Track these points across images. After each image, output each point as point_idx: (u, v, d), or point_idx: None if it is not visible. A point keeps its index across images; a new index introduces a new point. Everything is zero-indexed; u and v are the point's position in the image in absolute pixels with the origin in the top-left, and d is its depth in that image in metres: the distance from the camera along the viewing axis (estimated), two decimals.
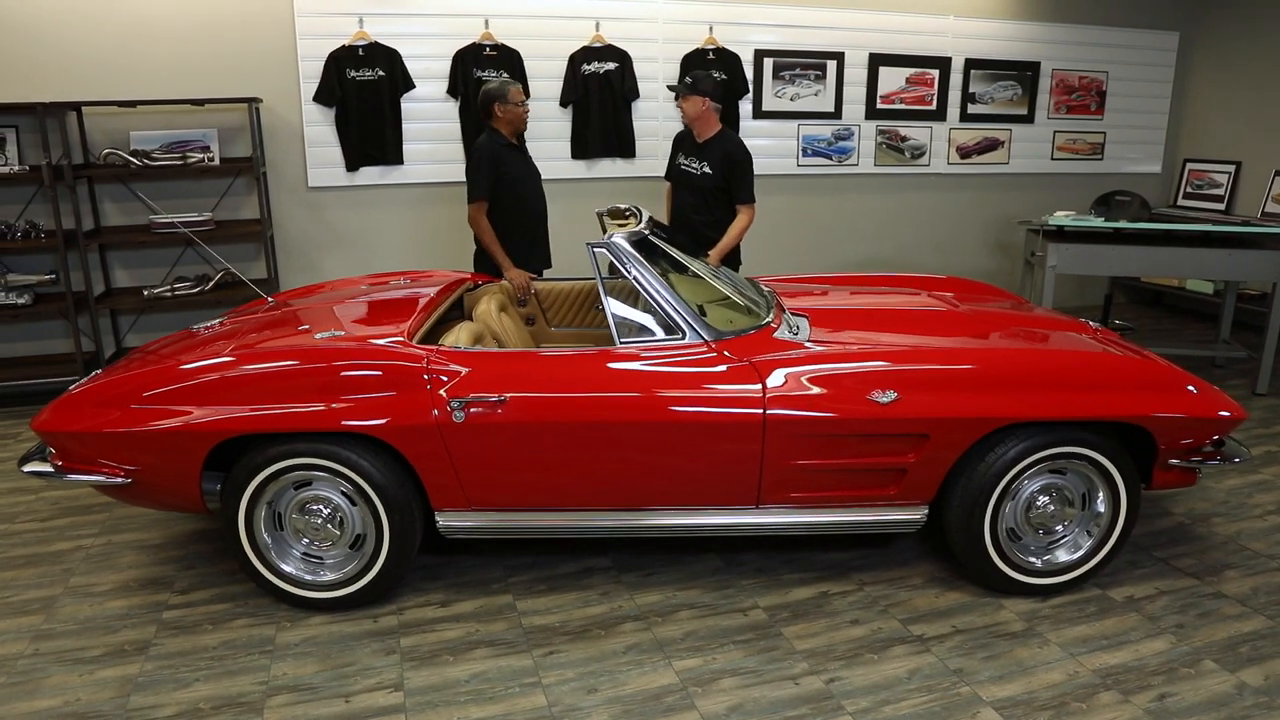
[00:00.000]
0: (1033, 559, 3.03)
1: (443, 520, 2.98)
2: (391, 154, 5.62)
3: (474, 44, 5.59)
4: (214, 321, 3.56)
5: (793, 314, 3.34)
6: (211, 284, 5.28)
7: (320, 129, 5.48)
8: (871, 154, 6.59)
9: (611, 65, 5.85)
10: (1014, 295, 4.24)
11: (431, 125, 5.65)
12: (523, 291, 4.01)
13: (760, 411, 2.79)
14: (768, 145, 6.35)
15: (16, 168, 4.90)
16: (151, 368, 2.94)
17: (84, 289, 4.97)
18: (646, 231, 3.25)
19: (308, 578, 2.99)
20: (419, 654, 2.79)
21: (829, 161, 6.53)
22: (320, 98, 5.40)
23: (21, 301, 4.97)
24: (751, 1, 6.07)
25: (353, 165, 5.57)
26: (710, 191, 4.23)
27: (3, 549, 3.47)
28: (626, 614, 2.99)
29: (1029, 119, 6.81)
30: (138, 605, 3.07)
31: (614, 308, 2.98)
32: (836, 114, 6.44)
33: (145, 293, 5.13)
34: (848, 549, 3.38)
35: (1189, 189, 7.11)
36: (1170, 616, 2.97)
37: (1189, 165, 7.14)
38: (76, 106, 4.99)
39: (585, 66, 5.82)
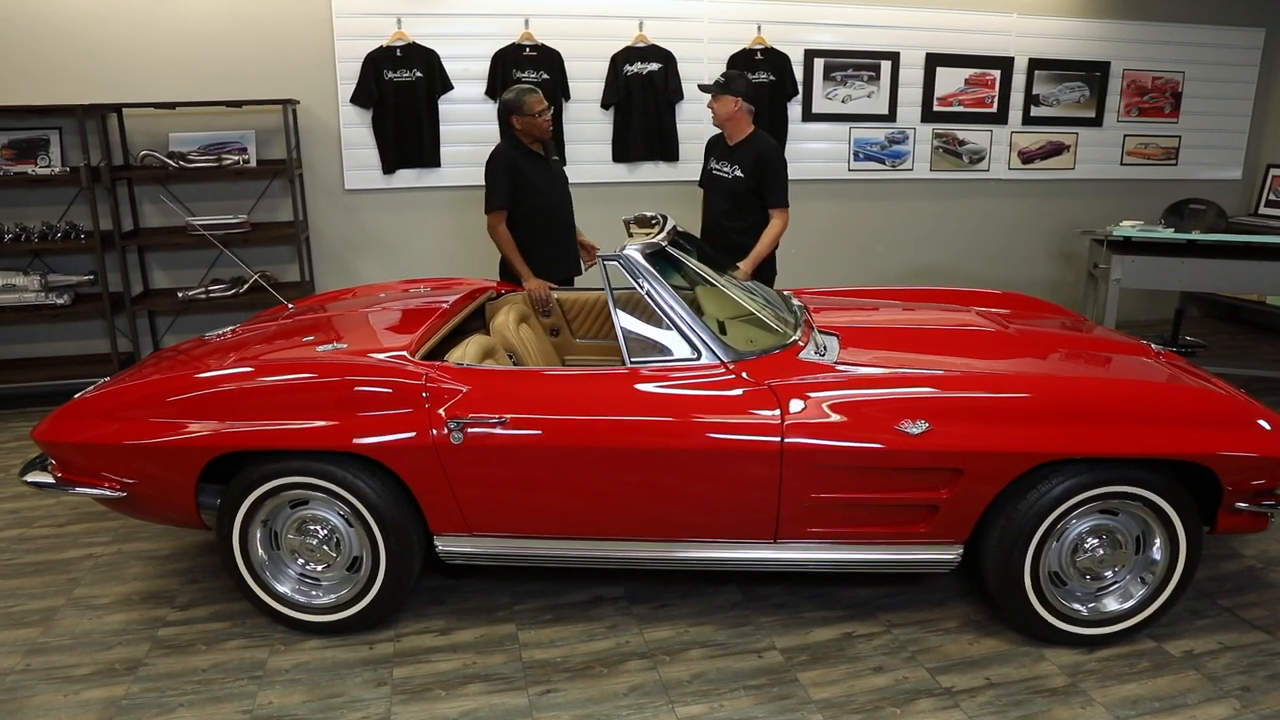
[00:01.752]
0: (1078, 606, 2.76)
1: (442, 545, 2.85)
2: (429, 156, 5.53)
3: (514, 44, 5.48)
4: (228, 329, 3.50)
5: (822, 332, 3.12)
6: (246, 286, 5.27)
7: (357, 131, 5.43)
8: (927, 158, 6.28)
9: (655, 66, 5.68)
10: (1073, 313, 3.93)
11: (470, 127, 5.55)
12: (542, 303, 3.86)
13: (778, 440, 2.58)
14: (818, 149, 6.11)
15: (57, 169, 4.95)
16: (147, 380, 2.87)
17: (124, 290, 5.01)
18: (664, 242, 3.06)
19: (302, 600, 2.88)
20: (410, 686, 2.65)
21: (882, 166, 6.25)
22: (357, 99, 5.35)
23: (61, 301, 5.03)
24: (802, 0, 5.83)
25: (389, 168, 5.51)
26: (742, 196, 4.02)
27: (16, 554, 3.45)
28: (633, 650, 2.81)
29: (1097, 122, 6.42)
30: (135, 620, 3.01)
31: (625, 324, 2.80)
32: (890, 117, 6.16)
33: (179, 294, 5.14)
34: (878, 586, 3.15)
35: (1272, 196, 6.62)
36: (1235, 677, 2.66)
37: (1272, 171, 6.65)
38: (117, 108, 5.02)
39: (628, 67, 5.65)
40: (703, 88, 4.17)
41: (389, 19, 5.29)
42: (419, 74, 5.36)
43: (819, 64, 5.95)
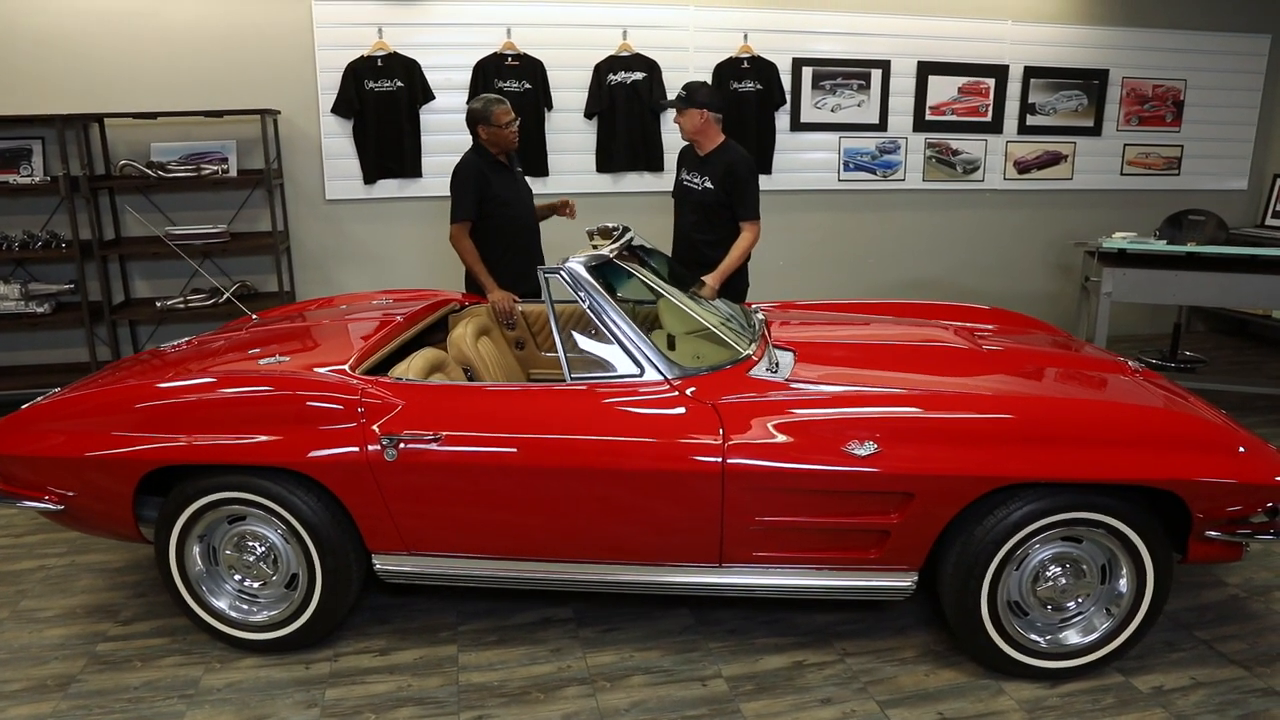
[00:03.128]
0: (1036, 638, 2.63)
1: (379, 564, 2.77)
2: (410, 166, 5.50)
3: (495, 54, 5.43)
4: (183, 340, 3.45)
5: (778, 348, 3.02)
6: (225, 296, 5.24)
7: (338, 141, 5.40)
8: (920, 168, 6.17)
9: (639, 75, 5.61)
10: (1058, 330, 3.80)
11: (452, 138, 5.48)
12: (506, 315, 3.79)
13: (718, 460, 2.49)
14: (807, 159, 6.01)
15: (38, 179, 4.95)
16: (87, 392, 2.83)
17: (104, 299, 4.99)
18: (611, 254, 2.98)
19: (238, 617, 2.81)
20: (340, 709, 2.58)
21: (873, 176, 6.14)
22: (338, 109, 5.32)
23: (42, 310, 5.02)
24: (789, 8, 5.75)
25: (370, 178, 5.47)
26: (712, 208, 3.93)
27: None
28: (573, 676, 2.72)
29: (1095, 131, 6.27)
30: (76, 635, 2.96)
31: (568, 339, 2.73)
32: (881, 126, 6.05)
33: (158, 304, 5.12)
34: (835, 611, 3.03)
35: (1279, 207, 6.44)
36: (1205, 716, 2.53)
37: (1279, 181, 6.48)
38: (99, 118, 5.02)
39: (611, 76, 5.59)
40: (664, 104, 4.08)
41: (370, 29, 5.27)
42: (400, 84, 5.33)
43: (807, 72, 5.86)
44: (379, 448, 2.58)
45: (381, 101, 5.33)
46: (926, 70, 5.98)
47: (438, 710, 2.57)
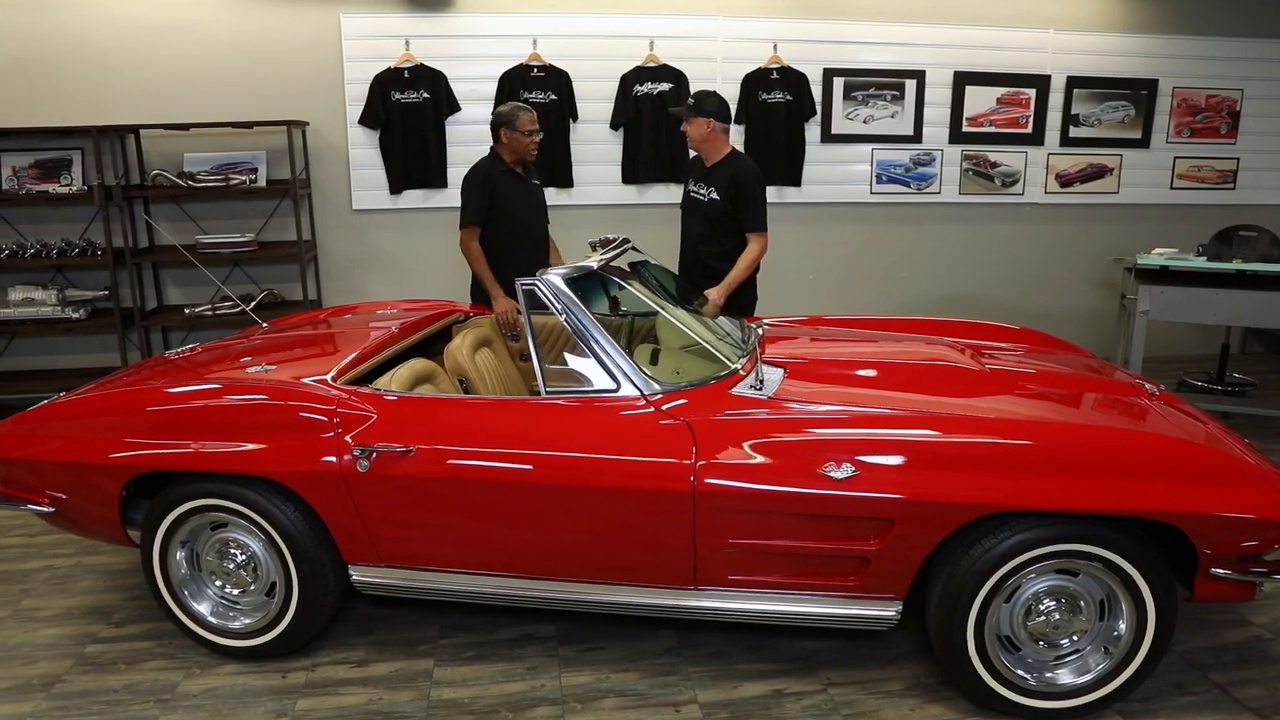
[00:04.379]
0: (1025, 674, 2.49)
1: (356, 574, 2.76)
2: (435, 177, 5.54)
3: (521, 65, 5.45)
4: (186, 348, 3.51)
5: (769, 364, 2.93)
6: (254, 304, 5.35)
7: (365, 151, 5.48)
8: (956, 181, 5.99)
9: (666, 86, 5.58)
10: (1086, 351, 3.61)
11: (477, 149, 5.47)
12: (509, 326, 3.77)
13: (689, 480, 2.41)
14: (838, 171, 5.89)
15: (76, 188, 5.12)
16: (80, 397, 2.89)
17: (135, 305, 5.14)
18: (596, 265, 2.93)
19: (217, 622, 2.83)
20: None
21: (907, 189, 5.99)
22: (365, 120, 5.40)
23: (77, 316, 5.19)
24: (820, 17, 5.65)
25: (396, 188, 5.54)
26: (718, 219, 3.85)
27: None
28: (545, 695, 2.66)
29: (1143, 143, 6.01)
30: (69, 635, 3.02)
31: (544, 352, 2.68)
32: (916, 137, 5.90)
33: (186, 311, 5.25)
34: (822, 639, 2.92)
35: None
36: None
37: None
38: (135, 129, 5.18)
39: (638, 88, 5.57)
40: (673, 111, 4.03)
41: (398, 41, 5.34)
42: (426, 95, 5.38)
43: (839, 83, 5.74)
44: (352, 458, 2.57)
45: (408, 113, 5.40)
46: (964, 80, 5.82)
47: None
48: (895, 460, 2.37)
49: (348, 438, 2.59)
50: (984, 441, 2.39)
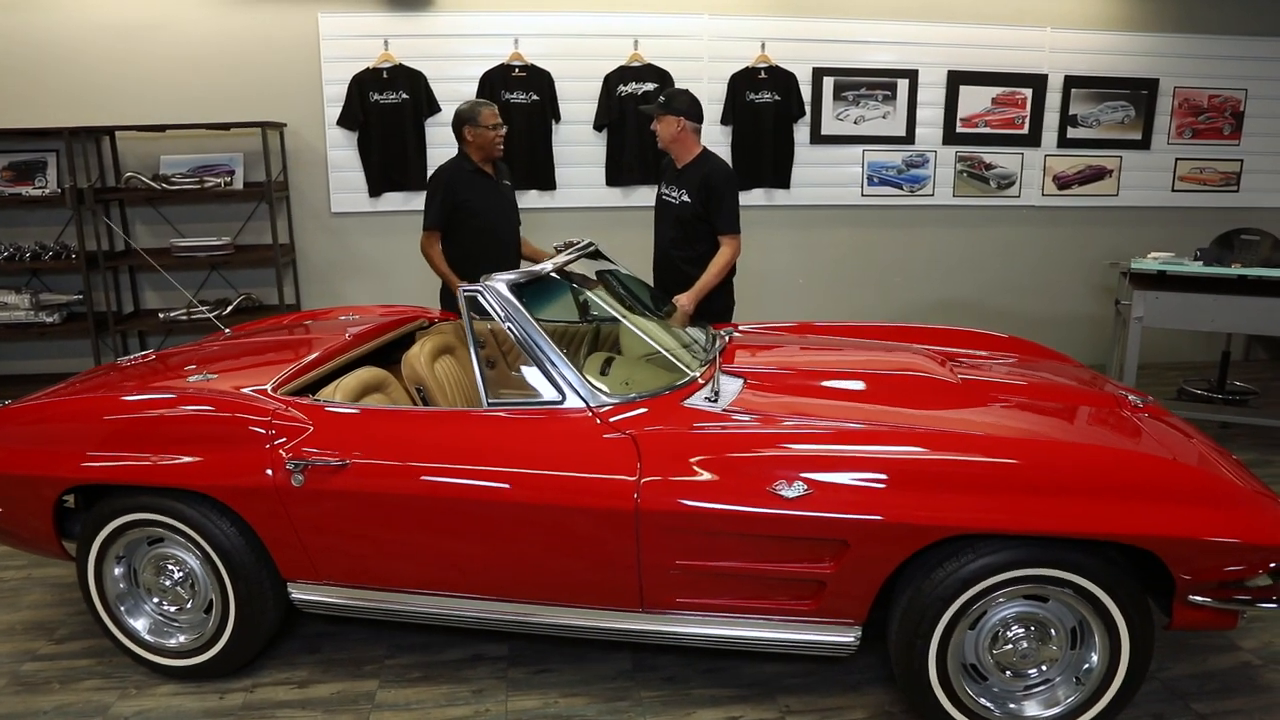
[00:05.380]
0: (991, 706, 2.35)
1: (295, 593, 2.66)
2: (415, 179, 5.44)
3: (502, 65, 5.35)
4: (138, 355, 3.42)
5: (728, 374, 2.80)
6: (230, 308, 5.27)
7: (344, 153, 5.39)
8: (950, 183, 5.84)
9: (650, 86, 5.46)
10: (1073, 360, 3.45)
11: (456, 150, 5.43)
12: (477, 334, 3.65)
13: (632, 497, 2.29)
14: (828, 173, 5.75)
15: (50, 190, 5.05)
16: (22, 405, 2.80)
17: (111, 309, 5.07)
18: (549, 268, 2.81)
19: (153, 640, 2.73)
20: None
21: (899, 191, 5.84)
22: (344, 122, 5.31)
23: (51, 320, 5.12)
24: (809, 16, 5.52)
25: (376, 191, 5.44)
26: (690, 223, 3.73)
27: None
28: None
29: (1144, 144, 5.84)
30: (7, 652, 2.92)
31: (490, 362, 2.57)
32: (909, 138, 5.75)
33: (161, 315, 5.17)
34: (785, 662, 2.79)
35: None
36: None
37: None
38: (110, 131, 5.10)
39: (622, 87, 5.45)
40: (642, 109, 3.91)
41: (376, 40, 5.24)
42: (405, 96, 5.29)
43: (828, 83, 5.61)
44: (286, 472, 2.46)
45: (386, 114, 5.30)
46: (958, 80, 5.67)
47: None
48: (850, 478, 2.24)
49: (282, 451, 2.48)
50: (945, 459, 2.26)
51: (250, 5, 5.12)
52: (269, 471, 2.47)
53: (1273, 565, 2.24)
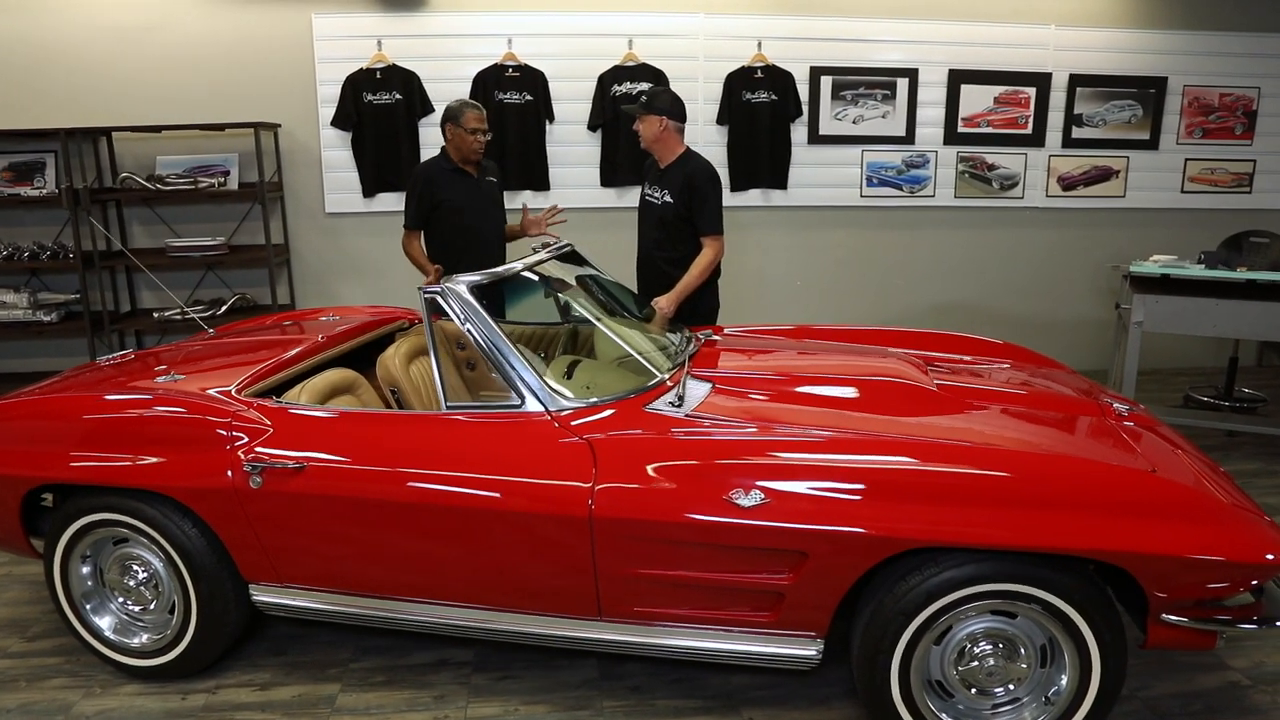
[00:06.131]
0: None
1: (256, 594, 2.64)
2: (407, 180, 5.40)
3: (496, 65, 5.33)
4: (117, 354, 3.42)
5: (697, 379, 2.75)
6: (225, 308, 5.29)
7: (338, 154, 5.38)
8: (951, 184, 5.75)
9: (645, 86, 5.40)
10: (1067, 368, 3.36)
11: None
12: (454, 334, 3.62)
13: (586, 504, 2.24)
14: (826, 173, 5.68)
15: (48, 190, 5.09)
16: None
17: (107, 309, 5.10)
18: (519, 268, 2.78)
19: (116, 639, 2.73)
20: None
21: (899, 192, 5.75)
22: (337, 122, 5.31)
23: (49, 319, 5.16)
24: (807, 14, 5.45)
25: (369, 191, 5.44)
26: (672, 224, 3.68)
27: None
28: None
29: (1152, 144, 5.72)
30: None
31: (470, 364, 2.54)
32: (908, 138, 5.66)
33: (155, 315, 5.19)
34: (754, 674, 2.73)
35: None
36: None
37: None
38: (106, 132, 5.13)
39: (616, 87, 5.41)
40: (625, 109, 3.87)
41: (370, 41, 5.23)
42: (398, 96, 5.28)
43: (826, 82, 5.53)
44: (245, 474, 2.44)
45: (380, 114, 5.29)
46: (959, 79, 5.58)
47: None
48: (809, 488, 2.18)
49: (240, 453, 2.46)
50: (907, 469, 2.19)
51: (245, 7, 5.14)
52: (228, 473, 2.45)
53: (1255, 583, 2.17)
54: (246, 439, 2.48)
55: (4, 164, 5.13)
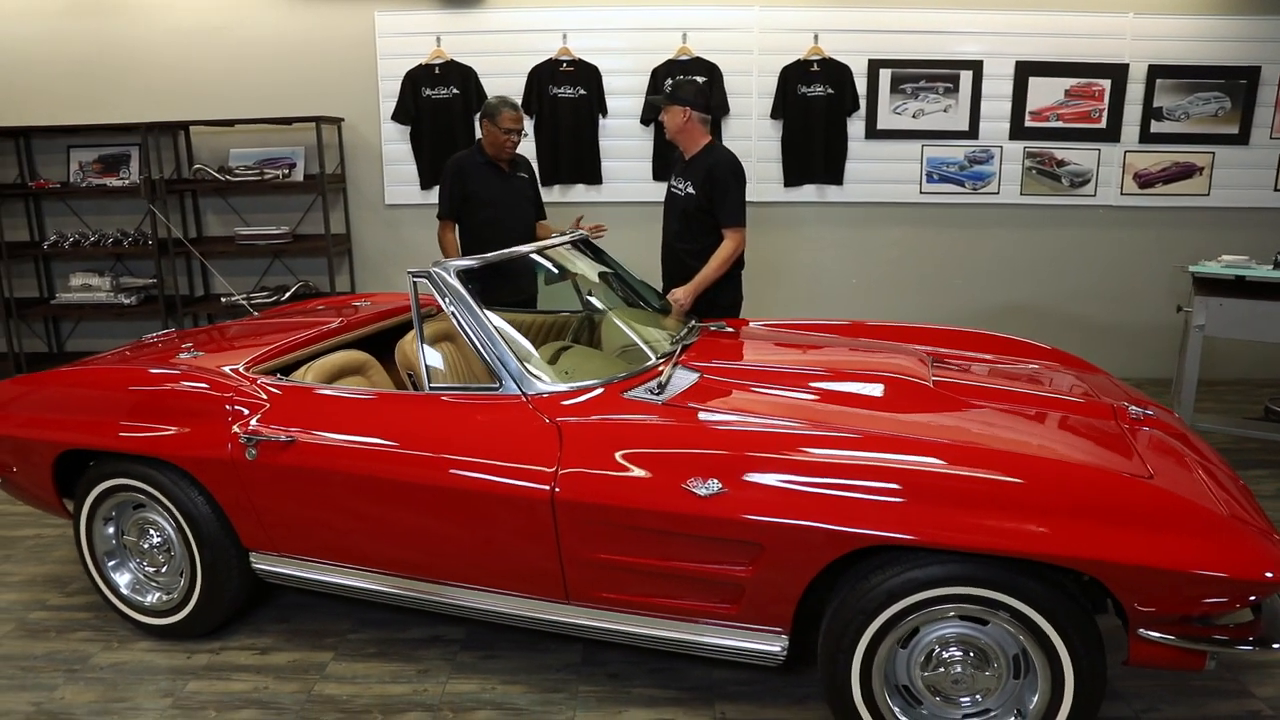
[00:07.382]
0: None
1: (256, 562, 2.77)
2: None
3: (551, 60, 5.40)
4: (158, 334, 3.64)
5: (687, 368, 2.73)
6: (289, 295, 5.54)
7: (397, 147, 5.57)
8: (1017, 180, 5.50)
9: (699, 79, 5.38)
10: (1104, 372, 3.18)
11: None
12: None
13: (548, 488, 2.26)
14: (884, 169, 5.53)
15: (130, 181, 5.46)
16: (36, 374, 3.03)
17: (180, 293, 5.43)
18: (508, 256, 2.82)
19: (132, 596, 2.91)
20: (191, 703, 2.58)
21: (961, 189, 5.55)
22: (397, 116, 5.49)
23: (129, 301, 5.53)
24: (866, 5, 5.31)
25: (427, 183, 5.60)
26: (694, 216, 3.65)
27: None
28: (423, 701, 2.58)
29: (1241, 139, 5.33)
30: (20, 601, 3.17)
31: (453, 349, 2.61)
32: (972, 133, 5.45)
33: (222, 299, 5.49)
34: (735, 669, 2.68)
35: None
36: None
37: None
38: (184, 125, 5.46)
39: (669, 82, 5.40)
40: (650, 100, 3.86)
41: (429, 37, 5.39)
42: (455, 91, 5.42)
43: (885, 75, 5.38)
44: (241, 445, 2.57)
45: (437, 108, 5.45)
46: (1026, 71, 5.33)
47: (274, 717, 2.51)
48: (766, 479, 2.14)
49: (235, 427, 2.59)
50: (867, 464, 2.12)
51: (311, 6, 5.37)
52: (228, 445, 2.59)
53: (1253, 599, 2.01)
54: (247, 413, 2.61)
55: (94, 156, 5.53)
